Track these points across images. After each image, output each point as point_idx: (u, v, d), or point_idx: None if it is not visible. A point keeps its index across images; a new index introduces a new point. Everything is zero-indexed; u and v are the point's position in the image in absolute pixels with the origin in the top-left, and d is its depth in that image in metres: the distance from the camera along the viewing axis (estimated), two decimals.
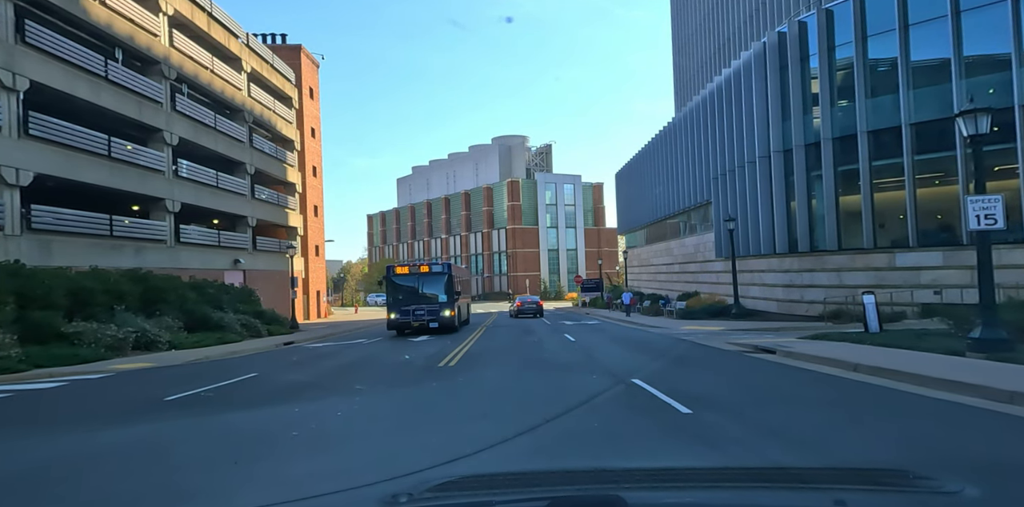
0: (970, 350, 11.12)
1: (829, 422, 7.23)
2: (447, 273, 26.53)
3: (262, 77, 39.44)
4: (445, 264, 27.80)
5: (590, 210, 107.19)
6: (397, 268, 27.14)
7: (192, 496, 5.01)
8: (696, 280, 39.40)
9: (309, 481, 5.18)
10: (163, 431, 7.82)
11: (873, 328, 16.29)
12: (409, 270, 27.02)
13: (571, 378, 11.47)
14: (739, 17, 48.63)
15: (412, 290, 25.96)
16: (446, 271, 26.70)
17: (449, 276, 26.40)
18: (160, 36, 28.06)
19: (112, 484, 5.46)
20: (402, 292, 25.91)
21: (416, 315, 25.30)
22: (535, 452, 6.06)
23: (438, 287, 26.01)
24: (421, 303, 25.55)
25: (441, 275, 26.43)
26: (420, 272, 26.74)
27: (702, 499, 2.27)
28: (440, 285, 25.98)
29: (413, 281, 26.14)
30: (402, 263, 27.53)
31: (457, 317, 26.82)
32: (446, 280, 26.15)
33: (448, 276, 26.37)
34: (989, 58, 20.90)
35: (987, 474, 4.51)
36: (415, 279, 26.26)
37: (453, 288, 26.11)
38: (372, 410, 9.05)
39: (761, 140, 28.34)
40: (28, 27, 20.64)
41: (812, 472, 3.60)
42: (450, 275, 26.46)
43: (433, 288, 26.02)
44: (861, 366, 11.03)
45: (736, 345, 16.84)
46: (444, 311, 25.40)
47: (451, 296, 25.85)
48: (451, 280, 26.28)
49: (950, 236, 21.61)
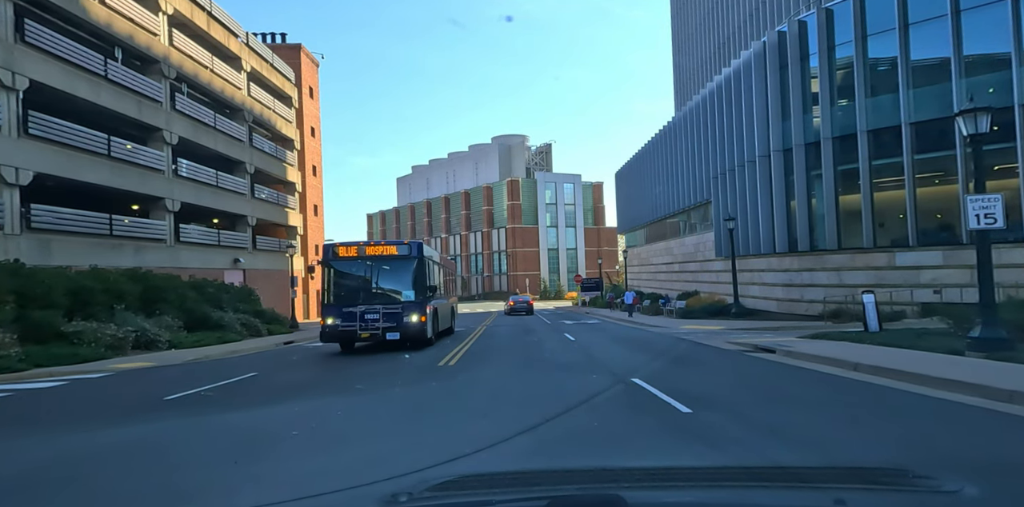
0: (970, 349, 11.13)
1: (829, 421, 7.23)
2: (416, 257, 18.15)
3: (262, 76, 39.44)
4: (414, 244, 18.57)
5: (590, 209, 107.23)
6: (340, 248, 18.11)
7: (192, 495, 5.01)
8: (696, 279, 39.40)
9: (309, 480, 5.19)
10: (163, 430, 7.80)
11: (873, 327, 16.29)
12: (358, 251, 18.04)
13: (571, 377, 11.48)
14: (739, 16, 48.61)
15: (362, 283, 17.84)
16: (415, 254, 18.19)
17: (419, 262, 18.17)
18: (160, 35, 28.06)
19: (112, 483, 5.46)
20: (346, 285, 17.90)
21: (366, 321, 17.12)
22: (535, 452, 6.06)
23: (402, 278, 18.07)
24: (375, 302, 17.35)
25: (407, 260, 18.06)
26: (375, 255, 18.02)
27: (702, 498, 2.26)
28: (405, 275, 18.04)
29: (364, 268, 17.88)
30: (349, 243, 18.46)
31: (431, 324, 18.47)
32: (415, 268, 18.05)
33: (418, 262, 18.12)
34: (989, 57, 20.91)
35: (987, 473, 4.51)
36: (367, 265, 17.86)
37: (425, 281, 18.32)
38: (372, 409, 9.06)
39: (761, 139, 28.34)
40: (28, 26, 20.63)
41: (812, 471, 3.61)
42: (421, 260, 18.24)
43: (394, 280, 18.09)
44: (861, 365, 11.04)
45: (736, 344, 16.84)
46: (410, 315, 17.31)
47: (422, 292, 17.92)
48: (423, 268, 18.30)
49: (950, 235, 21.61)
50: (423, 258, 18.43)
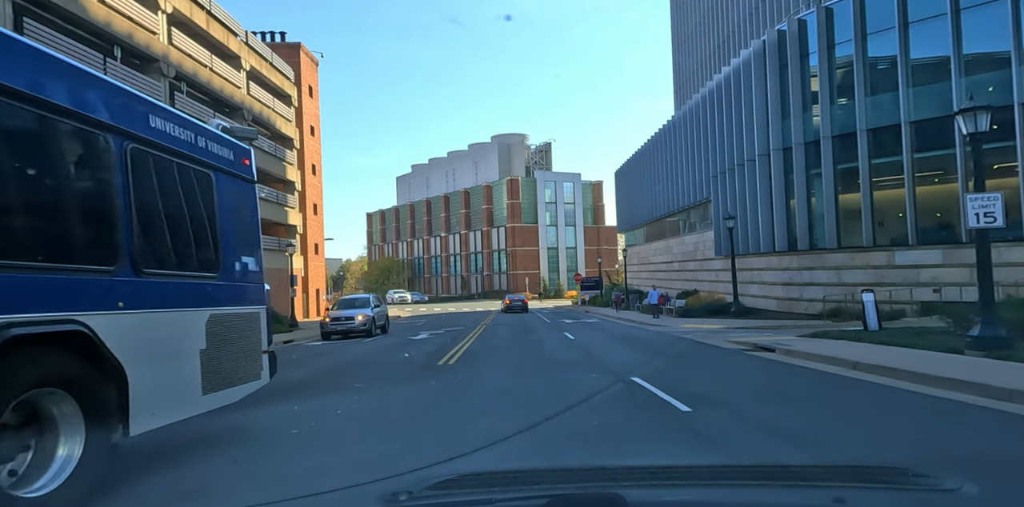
0: (969, 348, 11.13)
1: (829, 420, 7.23)
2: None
3: (261, 75, 39.40)
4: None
5: (590, 208, 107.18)
6: None
7: (191, 494, 5.00)
8: (695, 278, 39.40)
9: (309, 479, 5.19)
10: (163, 430, 7.77)
11: (872, 326, 16.29)
12: None
13: (571, 376, 11.47)
14: (739, 15, 48.60)
15: None
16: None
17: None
18: (159, 34, 28.02)
19: (111, 482, 5.46)
20: None
21: None
22: (534, 452, 6.06)
23: None
24: None
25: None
26: None
27: (701, 497, 2.25)
28: None
29: None
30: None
31: None
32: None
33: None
34: (989, 56, 20.91)
35: (987, 471, 4.51)
36: None
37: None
38: (371, 408, 9.04)
39: (761, 138, 28.33)
40: (27, 25, 20.60)
41: (811, 470, 3.53)
42: None
43: None
44: (860, 364, 11.04)
45: (736, 343, 16.84)
46: None
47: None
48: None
49: (949, 234, 21.62)
50: None
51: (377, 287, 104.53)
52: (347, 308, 25.56)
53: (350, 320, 24.43)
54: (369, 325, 24.58)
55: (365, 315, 24.69)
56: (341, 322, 24.50)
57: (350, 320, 24.43)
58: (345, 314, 24.74)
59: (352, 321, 24.41)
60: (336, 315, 24.94)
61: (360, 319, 24.45)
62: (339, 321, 24.56)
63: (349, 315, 24.61)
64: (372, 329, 24.76)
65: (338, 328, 24.46)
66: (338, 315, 24.85)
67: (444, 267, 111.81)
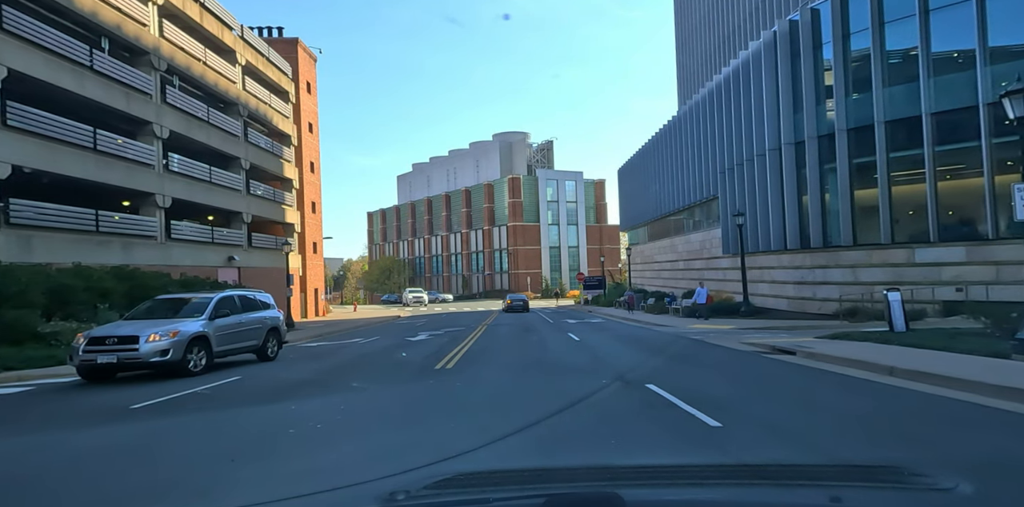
0: (1016, 352, 10.17)
1: (886, 438, 6.28)
2: None
3: (257, 70, 38.48)
4: None
5: (592, 207, 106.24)
6: None
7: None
8: (701, 277, 38.36)
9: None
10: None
11: (899, 327, 15.32)
12: None
13: (578, 382, 10.47)
14: (743, 11, 47.69)
15: None
16: None
17: None
18: (149, 26, 27.11)
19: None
20: None
21: None
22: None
23: None
24: None
25: None
26: None
27: (700, 496, 2.23)
28: None
29: None
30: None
31: None
32: None
33: None
34: (1016, 46, 19.90)
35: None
36: None
37: None
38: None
39: (771, 132, 27.41)
40: (6, 13, 19.71)
41: (809, 469, 3.62)
42: None
43: None
44: (897, 369, 10.09)
45: (751, 345, 15.94)
46: None
47: None
48: None
49: (973, 230, 20.65)
50: None
51: (378, 286, 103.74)
52: (143, 318, 13.39)
53: (129, 345, 12.07)
54: (178, 353, 12.27)
55: (175, 332, 12.45)
56: (107, 348, 12.05)
57: (129, 345, 12.07)
58: (120, 333, 12.39)
59: (133, 346, 12.03)
60: (100, 334, 12.55)
61: (153, 341, 12.12)
62: (103, 346, 12.09)
63: (127, 335, 12.26)
64: (188, 359, 12.52)
65: (100, 360, 11.96)
66: (104, 334, 12.50)
67: (445, 266, 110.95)
